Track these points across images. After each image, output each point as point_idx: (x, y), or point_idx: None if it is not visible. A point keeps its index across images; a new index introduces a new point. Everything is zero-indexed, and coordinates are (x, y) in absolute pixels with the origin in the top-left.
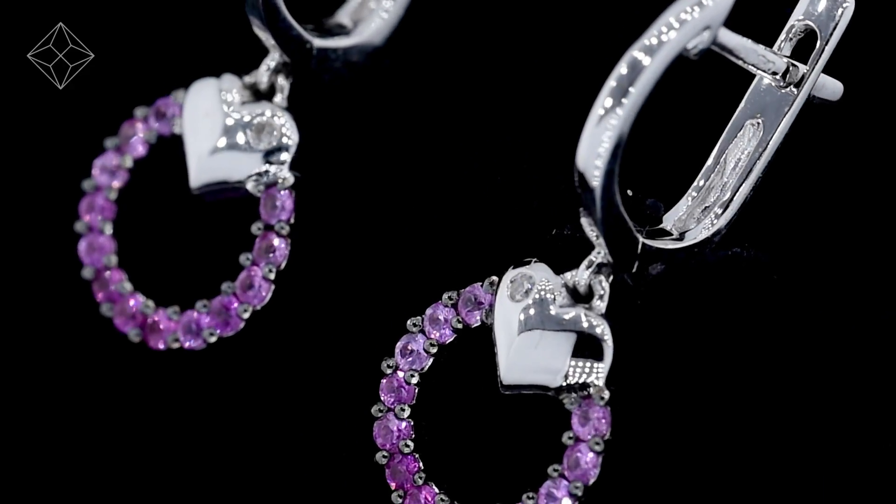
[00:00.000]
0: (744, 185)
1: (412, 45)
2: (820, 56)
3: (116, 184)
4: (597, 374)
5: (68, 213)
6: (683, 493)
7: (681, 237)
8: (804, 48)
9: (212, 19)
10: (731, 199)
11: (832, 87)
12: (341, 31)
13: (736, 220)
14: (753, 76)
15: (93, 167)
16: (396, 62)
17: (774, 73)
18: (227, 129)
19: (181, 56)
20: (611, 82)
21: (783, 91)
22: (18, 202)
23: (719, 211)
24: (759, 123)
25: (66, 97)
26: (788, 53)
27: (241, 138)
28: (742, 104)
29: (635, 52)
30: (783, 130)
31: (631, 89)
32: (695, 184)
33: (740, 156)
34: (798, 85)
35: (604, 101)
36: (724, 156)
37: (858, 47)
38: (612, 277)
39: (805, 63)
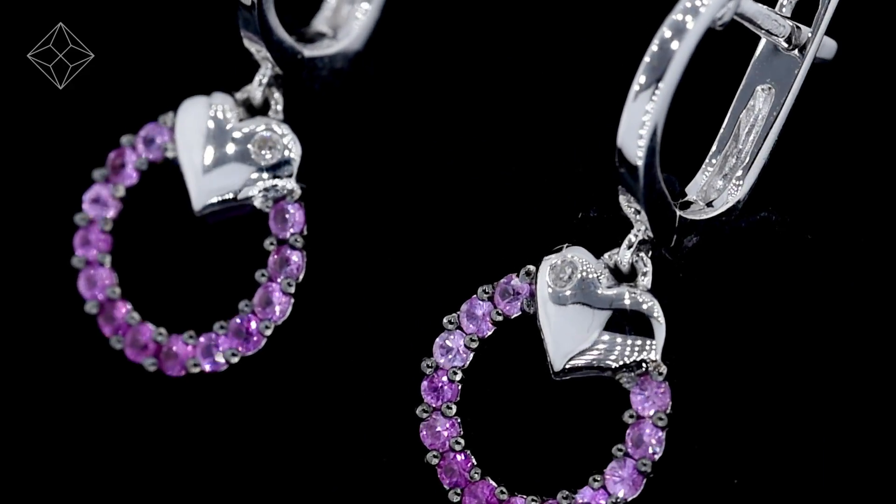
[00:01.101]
0: (762, 149)
1: (398, 43)
2: (823, 17)
3: (110, 214)
4: (651, 350)
5: (68, 213)
6: (737, 459)
7: (708, 206)
8: (799, 10)
9: (211, 19)
10: (750, 164)
11: (829, 46)
12: (322, 38)
13: (756, 185)
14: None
15: (83, 200)
16: (389, 62)
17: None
18: (228, 148)
19: (181, 57)
20: (646, 59)
21: (788, 54)
22: (18, 202)
23: (740, 175)
24: (769, 88)
25: (66, 97)
26: (789, 15)
27: (244, 155)
28: (749, 70)
29: (667, 28)
30: (795, 92)
31: (667, 65)
32: (710, 153)
33: (753, 122)
34: (802, 47)
35: (641, 77)
36: (736, 123)
37: (855, 7)
38: (650, 253)
39: (806, 25)
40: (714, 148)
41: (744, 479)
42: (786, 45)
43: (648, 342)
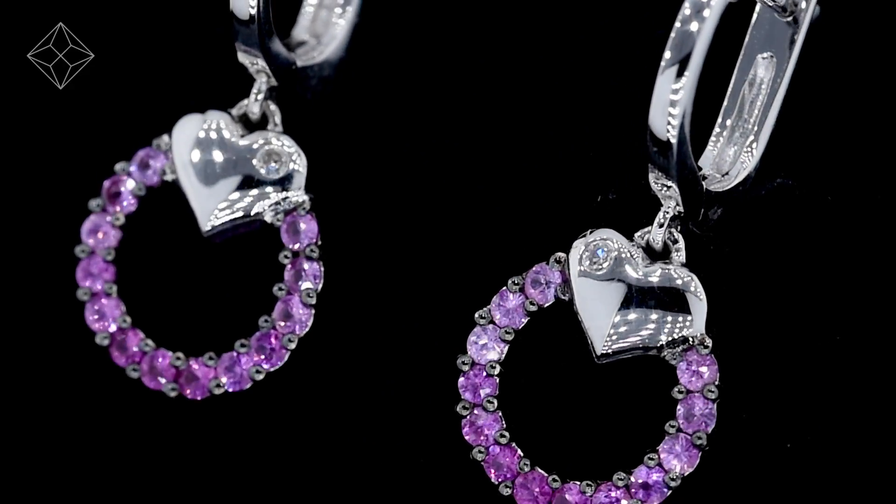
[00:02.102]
0: (768, 116)
1: (382, 45)
2: None
3: (112, 243)
4: (694, 324)
5: (68, 214)
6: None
7: (724, 177)
8: None
9: (211, 19)
10: (759, 132)
11: (814, 11)
12: (305, 47)
13: (766, 152)
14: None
15: (81, 232)
16: (378, 64)
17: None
18: (233, 165)
19: (181, 56)
20: (672, 35)
21: (783, 21)
22: (19, 202)
23: (751, 142)
24: (770, 56)
25: (66, 97)
26: None
27: (250, 171)
28: (747, 40)
29: (689, 4)
30: (795, 59)
31: (693, 39)
32: (717, 124)
33: (757, 91)
34: (795, 13)
35: (668, 54)
36: (740, 93)
37: None
38: (679, 229)
39: None
40: (720, 119)
41: (795, 443)
42: (782, 13)
43: (691, 317)
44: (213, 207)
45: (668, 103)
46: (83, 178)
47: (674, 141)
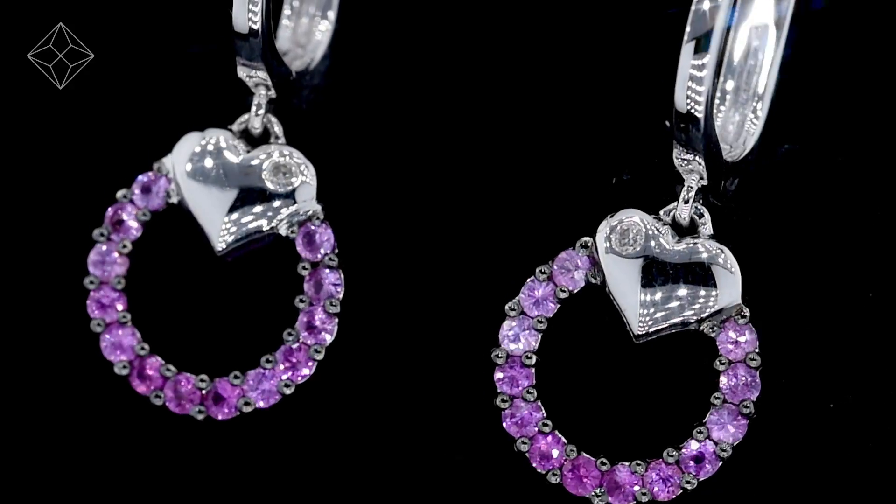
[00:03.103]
0: (769, 82)
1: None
2: None
3: (120, 271)
4: (730, 295)
5: (68, 214)
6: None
7: (732, 147)
8: None
9: (211, 19)
10: (761, 97)
11: None
12: (289, 56)
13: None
14: None
15: (88, 264)
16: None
17: None
18: (242, 181)
19: (180, 57)
20: (693, 9)
21: None
22: (19, 202)
23: (755, 110)
24: (764, 26)
25: (66, 97)
26: None
27: (260, 186)
28: (737, 11)
29: None
30: (786, 27)
31: (714, 14)
32: (717, 97)
33: (754, 61)
34: None
35: (689, 29)
36: (732, 62)
37: None
38: (701, 202)
39: None
40: (718, 88)
41: (836, 403)
42: None
43: (726, 288)
44: (225, 226)
45: (692, 79)
46: (83, 178)
47: (700, 115)
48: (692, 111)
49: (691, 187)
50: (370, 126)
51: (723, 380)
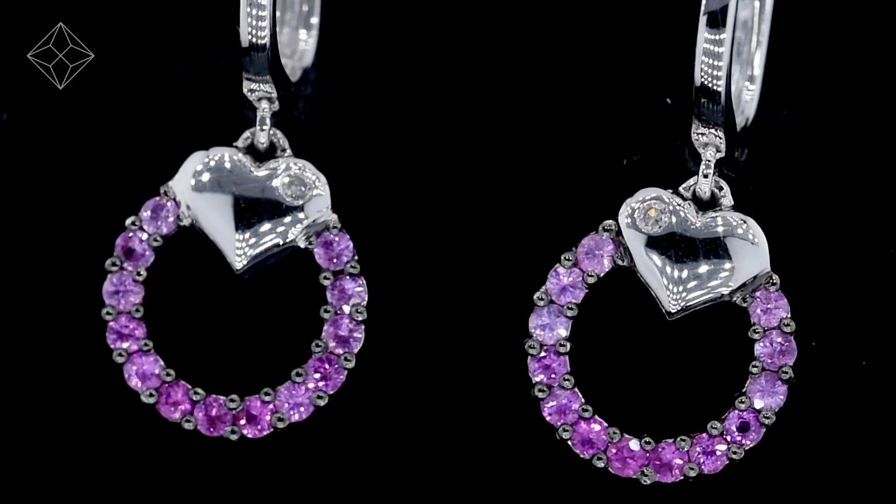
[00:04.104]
0: (761, 50)
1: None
2: None
3: (137, 299)
4: (758, 265)
5: (68, 214)
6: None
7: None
8: None
9: (210, 18)
10: (754, 66)
11: None
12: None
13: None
14: None
15: (104, 294)
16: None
17: None
18: (257, 197)
19: (180, 56)
20: None
21: None
22: (19, 202)
23: (749, 79)
24: None
25: (66, 97)
26: None
27: (276, 200)
28: None
29: None
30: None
31: None
32: None
33: (747, 33)
34: None
35: (706, 6)
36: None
37: None
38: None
39: None
40: None
41: (868, 360)
42: None
43: (754, 258)
44: (243, 243)
45: (710, 54)
46: (83, 179)
47: (720, 89)
48: (712, 86)
49: (709, 161)
50: (370, 130)
51: (759, 348)
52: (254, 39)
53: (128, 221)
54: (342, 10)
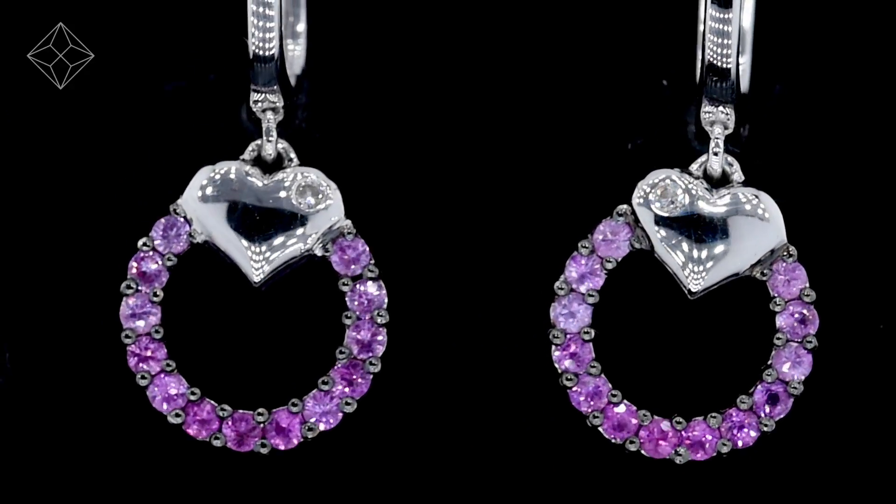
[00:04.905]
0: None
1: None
2: None
3: (155, 321)
4: (775, 237)
5: (68, 214)
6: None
7: None
8: None
9: (211, 18)
10: (745, 39)
11: None
12: None
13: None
14: None
15: (121, 318)
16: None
17: None
18: (270, 208)
19: (180, 56)
20: None
21: None
22: (19, 202)
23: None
24: None
25: (66, 97)
26: None
27: (290, 210)
28: None
29: None
30: None
31: None
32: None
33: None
34: None
35: None
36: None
37: None
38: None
39: None
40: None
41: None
42: None
43: (770, 231)
44: (260, 256)
45: (718, 32)
46: (83, 179)
47: (731, 66)
48: (722, 63)
49: (718, 138)
50: (369, 132)
51: (781, 319)
52: (260, 51)
53: (140, 242)
54: (328, 16)
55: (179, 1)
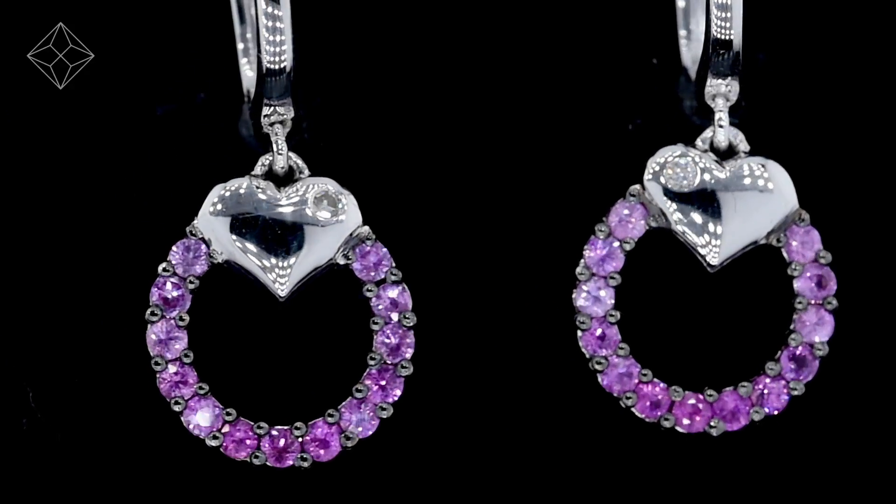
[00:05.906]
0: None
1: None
2: None
3: (183, 346)
4: (787, 202)
5: (68, 214)
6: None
7: None
8: None
9: (211, 18)
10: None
11: None
12: None
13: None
14: None
15: (148, 343)
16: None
17: None
18: (287, 221)
19: (180, 56)
20: None
21: None
22: (19, 203)
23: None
24: None
25: (66, 97)
26: None
27: (308, 221)
28: None
29: None
30: None
31: None
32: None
33: None
34: None
35: None
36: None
37: None
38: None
39: None
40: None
41: None
42: None
43: (781, 198)
44: (283, 271)
45: (724, 7)
46: (83, 178)
47: (737, 41)
48: (726, 36)
49: (722, 111)
50: (369, 135)
51: (799, 283)
52: (273, 65)
53: (160, 267)
54: (321, 21)
55: (165, 19)
